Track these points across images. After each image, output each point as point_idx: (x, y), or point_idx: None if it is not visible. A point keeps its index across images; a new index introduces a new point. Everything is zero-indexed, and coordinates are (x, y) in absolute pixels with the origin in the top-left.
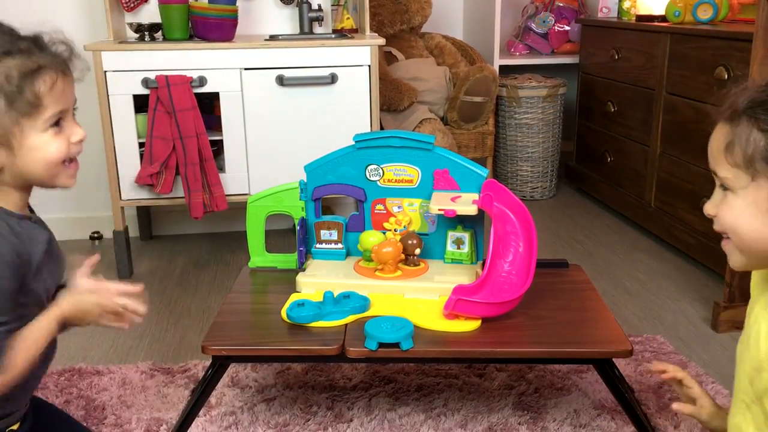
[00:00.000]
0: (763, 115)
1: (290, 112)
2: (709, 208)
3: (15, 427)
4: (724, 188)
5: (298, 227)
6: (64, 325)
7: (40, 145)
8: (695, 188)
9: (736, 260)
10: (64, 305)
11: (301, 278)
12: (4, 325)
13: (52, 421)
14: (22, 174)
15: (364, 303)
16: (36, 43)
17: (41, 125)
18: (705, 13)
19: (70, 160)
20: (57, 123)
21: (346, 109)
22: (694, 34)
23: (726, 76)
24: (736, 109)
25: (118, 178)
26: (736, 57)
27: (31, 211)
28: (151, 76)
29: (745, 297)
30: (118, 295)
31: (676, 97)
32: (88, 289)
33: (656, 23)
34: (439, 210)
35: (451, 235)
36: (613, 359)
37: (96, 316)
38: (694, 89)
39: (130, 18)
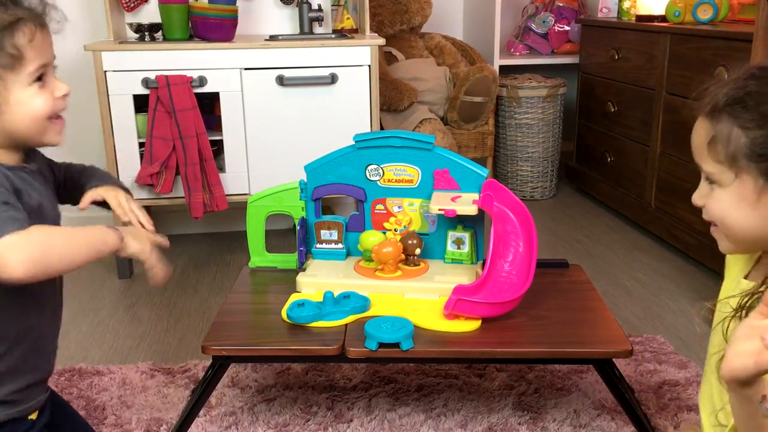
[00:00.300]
0: (743, 113)
1: (290, 112)
2: (696, 199)
3: (34, 416)
4: (710, 181)
5: (298, 227)
6: (122, 241)
7: (26, 100)
8: (695, 188)
9: (724, 246)
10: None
11: (301, 278)
12: (12, 208)
13: (67, 417)
14: (8, 132)
15: (364, 303)
16: None
17: (25, 79)
18: (705, 13)
19: (56, 117)
20: (40, 78)
21: (346, 109)
22: (694, 34)
23: (726, 76)
24: (717, 105)
25: (118, 178)
26: (736, 57)
27: (33, 161)
28: (151, 76)
29: None
30: (152, 235)
31: (676, 97)
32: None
33: (656, 23)
34: (439, 210)
35: (451, 235)
36: (613, 359)
37: (144, 243)
38: (694, 89)
39: (130, 18)
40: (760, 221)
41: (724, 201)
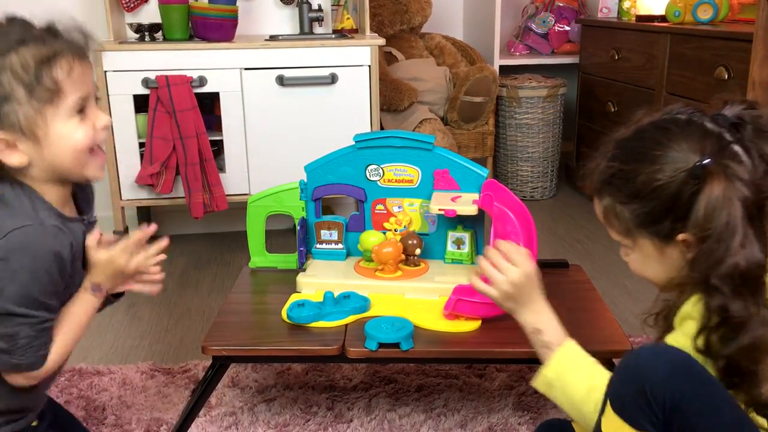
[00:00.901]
0: (617, 192)
1: (290, 112)
2: (622, 256)
3: (35, 423)
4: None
5: (298, 227)
6: (105, 297)
7: (66, 133)
8: None
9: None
10: (91, 274)
11: (301, 278)
12: (47, 322)
13: (66, 420)
14: (51, 166)
15: (364, 303)
16: (49, 30)
17: (65, 112)
18: (705, 13)
19: (98, 150)
20: (81, 110)
21: (346, 109)
22: (694, 34)
23: (726, 76)
24: (595, 186)
25: (119, 178)
26: (736, 57)
27: (86, 211)
28: (152, 76)
29: None
30: (125, 253)
31: (676, 97)
32: (102, 258)
33: (656, 23)
34: (440, 210)
35: (452, 235)
36: (613, 359)
37: (122, 276)
38: (694, 89)
39: (130, 18)
40: (669, 268)
41: (637, 260)
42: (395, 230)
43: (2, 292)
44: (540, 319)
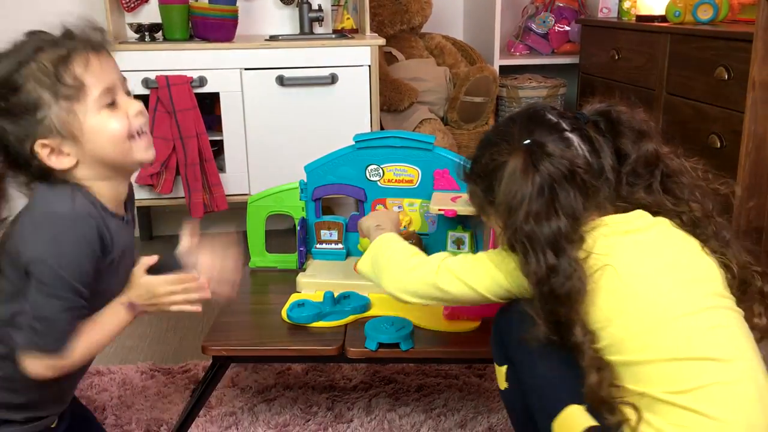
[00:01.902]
0: (472, 173)
1: (290, 112)
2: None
3: (54, 425)
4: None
5: (298, 227)
6: (136, 310)
7: (101, 125)
8: None
9: None
10: (129, 291)
11: (301, 278)
12: (81, 309)
13: (85, 420)
14: (97, 161)
15: (364, 303)
16: (64, 33)
17: (94, 106)
18: (705, 14)
19: (138, 134)
20: (111, 102)
21: (347, 110)
22: (695, 35)
23: (726, 77)
24: (465, 173)
25: None
26: (737, 57)
27: (127, 210)
28: (152, 76)
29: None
30: (166, 286)
31: (676, 97)
32: (144, 282)
33: (656, 23)
34: (440, 210)
35: (451, 235)
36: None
37: (156, 306)
38: (695, 89)
39: (130, 18)
40: None
41: (496, 234)
42: None
43: (36, 272)
44: (384, 227)
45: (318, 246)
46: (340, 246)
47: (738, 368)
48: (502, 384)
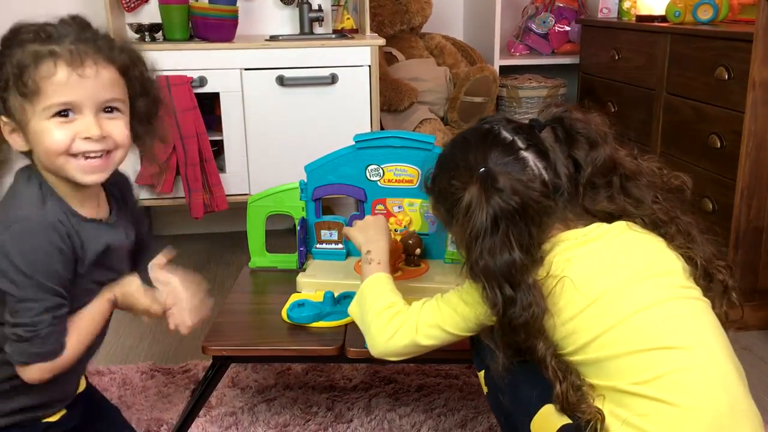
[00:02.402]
0: (431, 190)
1: (290, 112)
2: None
3: (55, 418)
4: None
5: (298, 227)
6: (115, 306)
7: (42, 132)
8: (694, 187)
9: None
10: (115, 289)
11: (301, 278)
12: (60, 308)
13: (102, 416)
14: (42, 163)
15: None
16: (65, 33)
17: (43, 113)
18: (705, 14)
19: (79, 155)
20: (65, 114)
21: (347, 110)
22: (695, 35)
23: (726, 77)
24: (425, 185)
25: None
26: (737, 57)
27: (113, 210)
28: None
29: (757, 296)
30: (149, 301)
31: (677, 97)
32: (129, 288)
33: (656, 23)
34: None
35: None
36: None
37: (140, 312)
38: (695, 89)
39: (130, 18)
40: None
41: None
42: (395, 230)
43: (10, 279)
44: (373, 246)
45: (318, 246)
46: (340, 246)
47: (699, 355)
48: (485, 388)
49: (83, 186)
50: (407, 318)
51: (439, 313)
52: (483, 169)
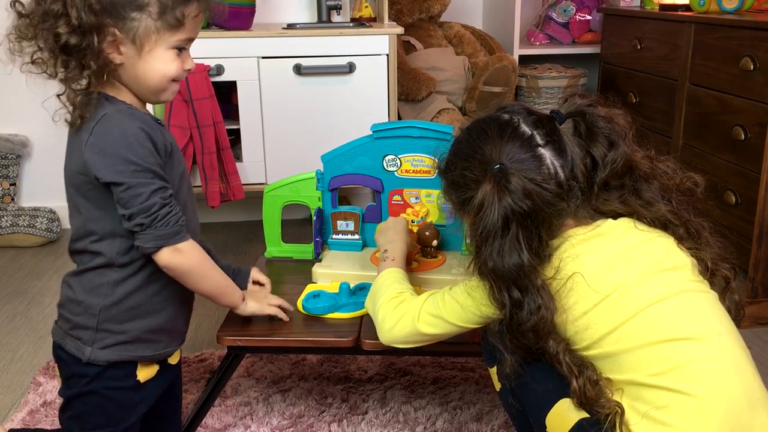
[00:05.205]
0: (445, 177)
1: (307, 101)
2: None
3: (174, 359)
4: None
5: (314, 217)
6: (242, 303)
7: (164, 59)
8: (718, 180)
9: None
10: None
11: (317, 269)
12: (166, 190)
13: (174, 397)
14: (137, 77)
15: None
16: None
17: (172, 42)
18: (730, 3)
19: (176, 82)
20: (184, 48)
21: (364, 99)
22: (719, 24)
23: (752, 67)
24: (440, 168)
25: None
26: (762, 47)
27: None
28: None
29: None
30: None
31: (700, 88)
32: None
33: (680, 12)
34: None
35: None
36: None
37: (262, 303)
38: (719, 80)
39: None
40: None
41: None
42: (412, 221)
43: (114, 170)
44: (390, 246)
45: (334, 236)
46: (356, 237)
47: (713, 345)
48: (497, 384)
49: (145, 104)
50: (411, 306)
51: (443, 303)
52: (497, 166)
